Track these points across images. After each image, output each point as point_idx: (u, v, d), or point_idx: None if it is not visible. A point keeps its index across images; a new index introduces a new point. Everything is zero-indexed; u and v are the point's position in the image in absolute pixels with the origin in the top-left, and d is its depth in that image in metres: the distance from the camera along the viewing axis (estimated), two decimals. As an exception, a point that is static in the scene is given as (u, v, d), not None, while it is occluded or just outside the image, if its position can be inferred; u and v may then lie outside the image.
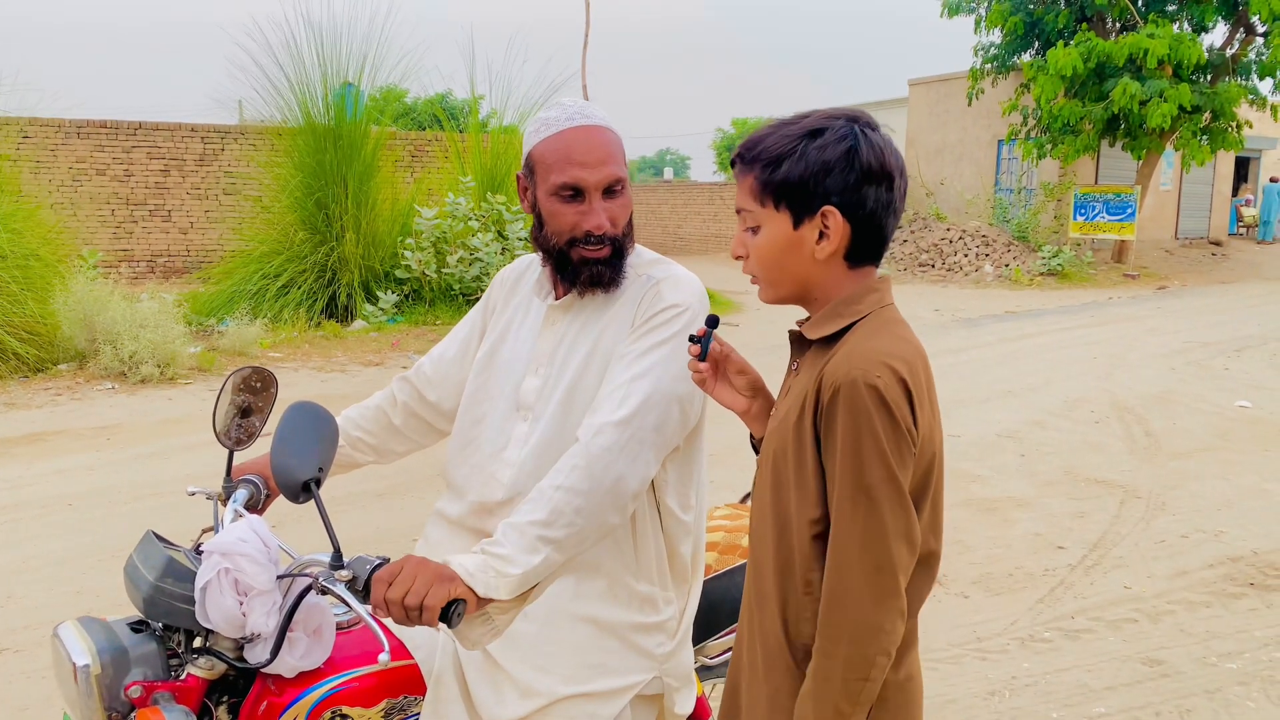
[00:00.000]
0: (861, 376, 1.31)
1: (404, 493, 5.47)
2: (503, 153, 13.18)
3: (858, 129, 1.39)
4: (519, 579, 1.54)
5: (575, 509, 1.60)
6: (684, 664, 1.85)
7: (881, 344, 1.36)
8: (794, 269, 1.44)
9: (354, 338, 10.72)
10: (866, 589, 1.30)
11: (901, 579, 1.32)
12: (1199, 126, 18.28)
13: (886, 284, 1.46)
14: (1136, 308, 14.94)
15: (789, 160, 1.39)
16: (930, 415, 1.37)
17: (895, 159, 1.41)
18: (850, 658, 1.31)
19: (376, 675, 1.67)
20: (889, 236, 1.43)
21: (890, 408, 1.30)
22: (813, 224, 1.40)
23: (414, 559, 1.50)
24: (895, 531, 1.31)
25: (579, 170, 1.75)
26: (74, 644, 1.50)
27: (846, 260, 1.42)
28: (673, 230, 25.47)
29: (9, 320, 8.44)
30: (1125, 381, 8.96)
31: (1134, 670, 3.63)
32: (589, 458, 1.63)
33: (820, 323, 1.44)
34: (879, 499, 1.30)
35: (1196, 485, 5.89)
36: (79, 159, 16.42)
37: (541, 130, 1.80)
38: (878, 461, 1.30)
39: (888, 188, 1.39)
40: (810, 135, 1.39)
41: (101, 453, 6.35)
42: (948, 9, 20.62)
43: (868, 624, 1.31)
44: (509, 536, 1.57)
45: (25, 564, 4.48)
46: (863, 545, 1.30)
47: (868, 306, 1.42)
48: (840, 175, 1.37)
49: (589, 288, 1.80)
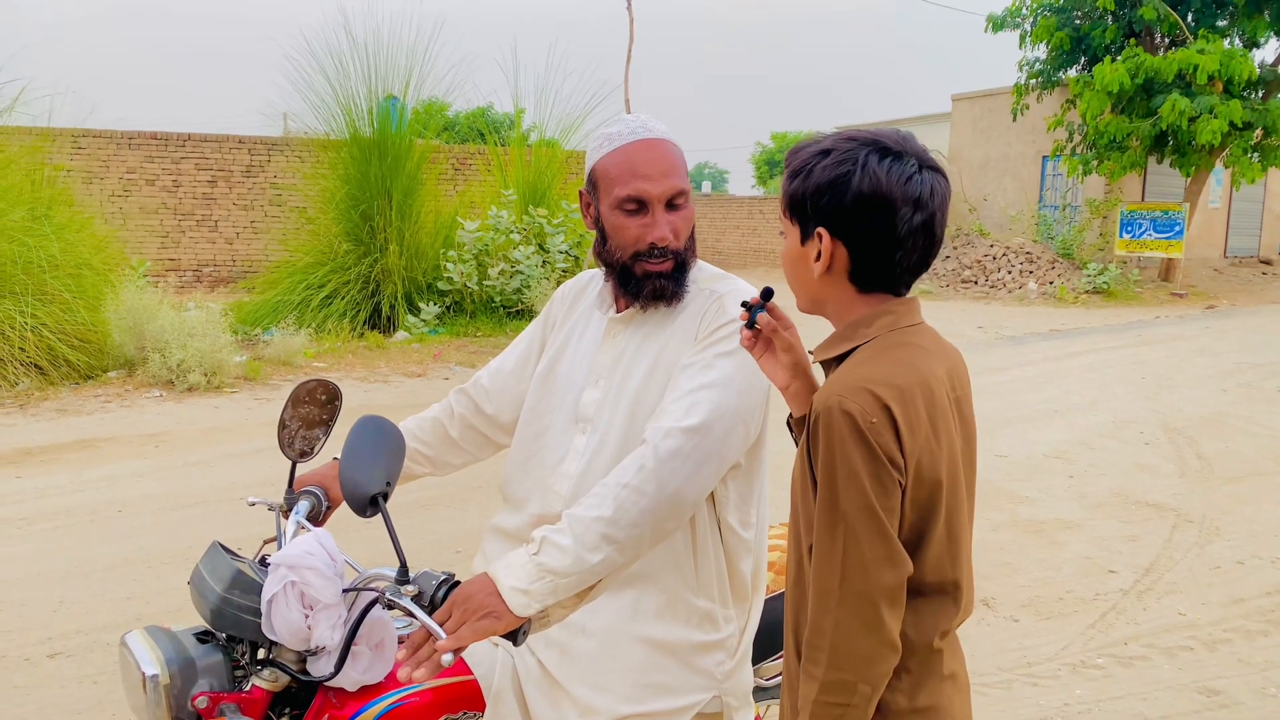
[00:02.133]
0: (838, 403, 1.29)
1: (448, 504, 5.49)
2: (544, 167, 13.26)
3: (864, 154, 1.36)
4: (575, 581, 1.54)
5: (640, 510, 1.59)
6: (743, 683, 1.83)
7: (873, 369, 1.34)
8: (804, 282, 1.45)
9: (396, 348, 10.81)
10: (846, 617, 1.29)
11: (885, 608, 1.29)
12: (1250, 143, 17.98)
13: (908, 306, 1.43)
14: (1184, 327, 14.68)
15: (800, 176, 1.41)
16: (931, 443, 1.34)
17: (902, 189, 1.35)
18: (827, 683, 1.30)
19: (436, 690, 1.66)
20: (899, 265, 1.39)
21: (864, 435, 1.28)
22: (812, 242, 1.41)
23: (460, 595, 1.51)
24: (874, 560, 1.29)
25: (642, 183, 1.75)
26: (143, 653, 1.51)
27: (854, 283, 1.42)
28: (711, 244, 25.45)
29: (61, 328, 8.60)
30: (1174, 403, 8.80)
31: (1191, 700, 3.55)
32: (657, 460, 1.62)
33: (829, 345, 1.44)
34: (855, 527, 1.28)
35: (1251, 510, 5.76)
36: (129, 170, 16.74)
37: (604, 146, 1.81)
38: (853, 489, 1.28)
39: (886, 216, 1.35)
40: (821, 154, 1.40)
41: (150, 460, 6.44)
42: (992, 24, 20.48)
43: (847, 651, 1.29)
44: (573, 528, 1.57)
45: (76, 569, 4.54)
46: (842, 573, 1.29)
47: (879, 329, 1.40)
48: (831, 198, 1.37)
49: (652, 301, 1.80)
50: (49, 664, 3.66)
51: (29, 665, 3.65)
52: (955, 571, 1.38)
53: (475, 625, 1.47)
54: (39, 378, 8.32)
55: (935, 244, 1.41)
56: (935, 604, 1.38)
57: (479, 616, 1.48)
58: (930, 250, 1.41)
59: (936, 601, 1.38)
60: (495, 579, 1.53)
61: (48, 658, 3.71)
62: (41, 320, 8.45)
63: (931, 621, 1.37)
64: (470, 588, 1.51)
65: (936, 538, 1.36)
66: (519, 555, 1.57)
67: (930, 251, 1.41)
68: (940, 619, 1.38)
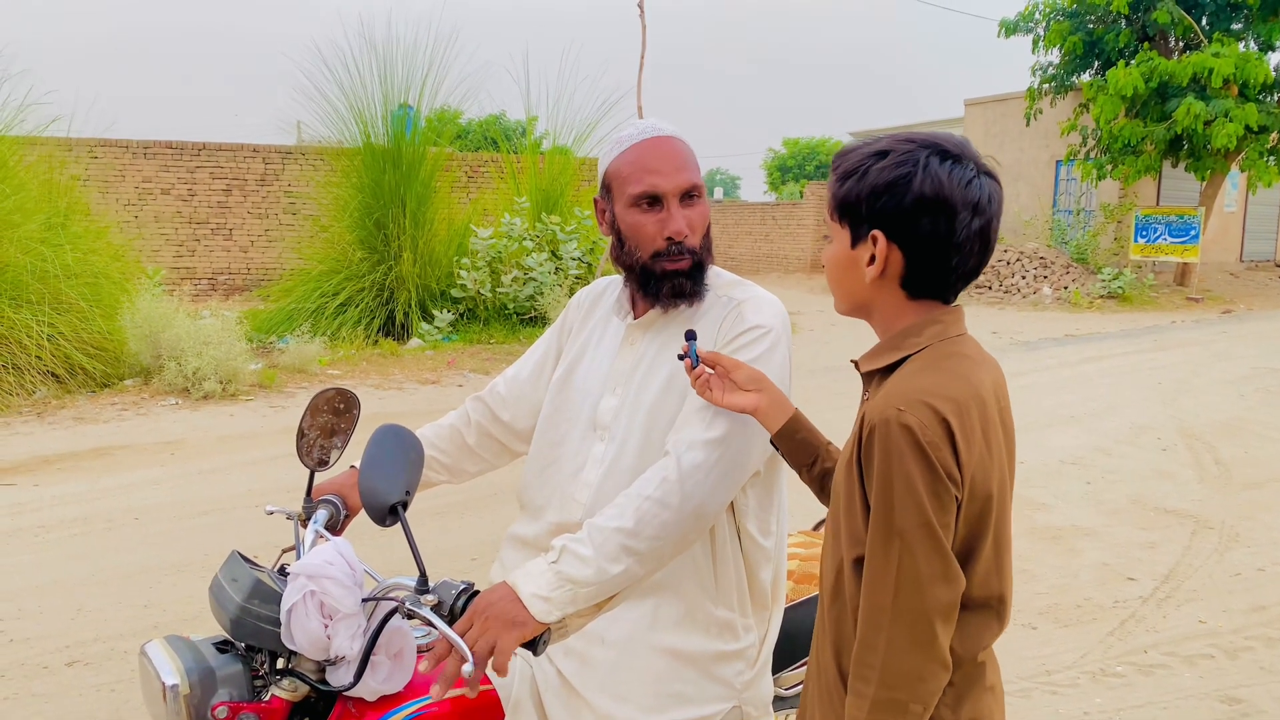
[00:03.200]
0: (896, 416, 1.26)
1: (464, 512, 5.49)
2: (557, 174, 13.30)
3: (924, 155, 1.34)
4: (594, 591, 1.53)
5: (662, 523, 1.58)
6: (763, 693, 1.82)
7: (928, 380, 1.31)
8: (851, 287, 1.42)
9: (410, 356, 10.83)
10: (899, 634, 1.26)
11: (939, 626, 1.27)
12: (1266, 147, 17.87)
13: (955, 315, 1.41)
14: (1201, 332, 14.59)
15: (852, 178, 1.37)
16: (984, 457, 1.31)
17: (962, 192, 1.33)
18: (879, 701, 1.27)
19: (455, 701, 1.66)
20: (954, 271, 1.37)
21: (924, 450, 1.25)
22: (865, 245, 1.37)
23: (481, 604, 1.50)
24: (931, 577, 1.26)
25: (655, 177, 1.76)
26: (163, 663, 1.51)
27: (904, 289, 1.39)
28: (724, 250, 25.45)
29: (78, 336, 8.66)
30: (1192, 408, 8.74)
31: (1212, 709, 3.52)
32: (680, 473, 1.61)
33: (876, 355, 1.41)
34: (911, 543, 1.25)
35: (1271, 517, 5.71)
36: (145, 179, 16.85)
37: (615, 149, 1.82)
38: (911, 505, 1.25)
39: (946, 220, 1.33)
40: (877, 156, 1.37)
41: (166, 467, 6.47)
42: (1005, 29, 20.44)
43: (900, 670, 1.26)
44: (594, 538, 1.56)
45: (93, 577, 4.56)
46: (895, 590, 1.26)
47: (928, 339, 1.37)
48: (890, 199, 1.33)
49: (672, 300, 1.79)
50: (67, 672, 3.67)
51: (47, 673, 3.66)
52: (1000, 585, 1.36)
53: (502, 637, 1.46)
54: (56, 386, 8.37)
55: (989, 251, 1.38)
56: (981, 618, 1.35)
57: (501, 625, 1.47)
58: (984, 257, 1.38)
59: (982, 616, 1.35)
60: (515, 587, 1.52)
61: (66, 666, 3.72)
62: (58, 329, 8.51)
63: (977, 636, 1.35)
64: (490, 596, 1.51)
65: (986, 553, 1.33)
66: (538, 564, 1.57)
67: (984, 258, 1.38)
68: (986, 634, 1.36)
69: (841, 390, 9.17)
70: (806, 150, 48.61)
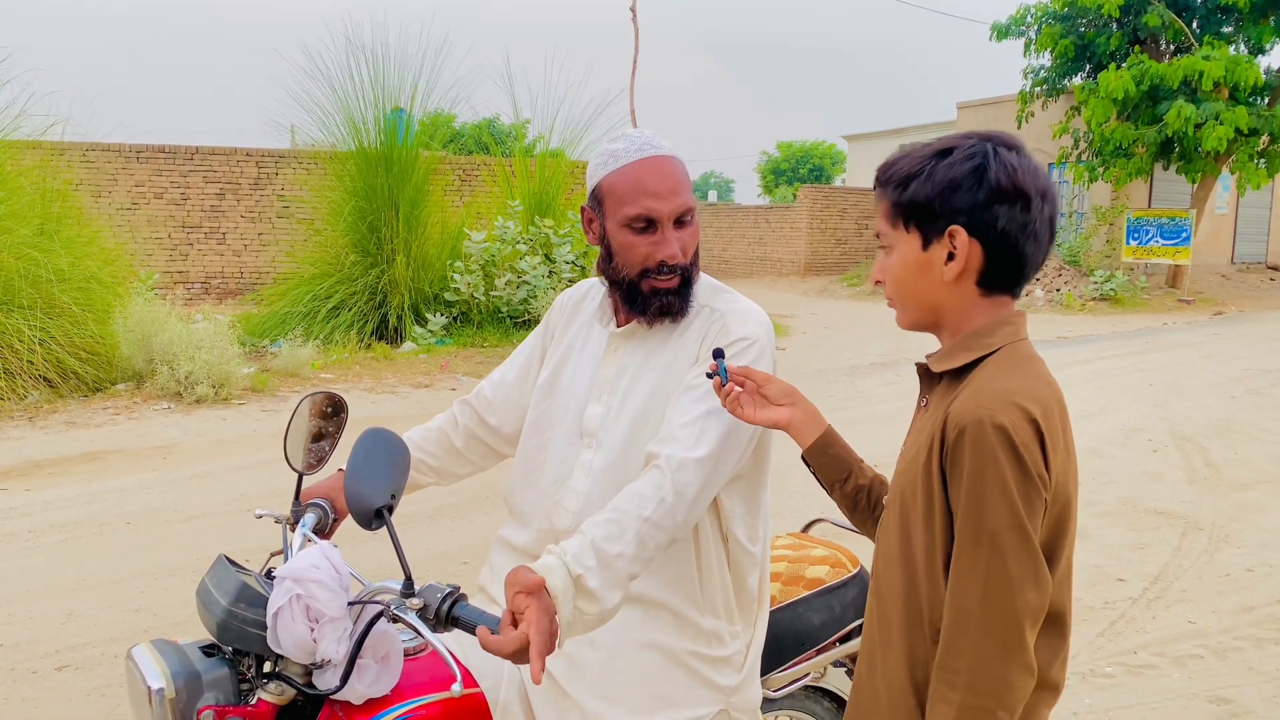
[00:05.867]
0: (989, 416, 1.25)
1: (453, 515, 5.49)
2: (550, 177, 13.30)
3: (990, 147, 1.35)
4: (598, 617, 1.52)
5: (657, 544, 1.60)
6: (751, 698, 1.83)
7: (1013, 382, 1.30)
8: (924, 292, 1.40)
9: (403, 359, 10.83)
10: (988, 639, 1.24)
11: (1029, 631, 1.25)
12: (1256, 149, 17.96)
13: (1022, 318, 1.41)
14: (1192, 334, 14.64)
15: (917, 180, 1.36)
16: (1065, 460, 1.31)
17: (1033, 180, 1.34)
18: (966, 707, 1.25)
19: (443, 703, 1.66)
20: (1028, 262, 1.37)
21: (1019, 451, 1.24)
22: (941, 244, 1.36)
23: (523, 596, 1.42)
24: (1021, 580, 1.24)
25: (652, 201, 1.75)
26: (148, 667, 1.51)
27: (980, 286, 1.38)
28: (718, 254, 25.46)
29: (70, 341, 8.64)
30: (1183, 410, 8.78)
31: (1201, 709, 3.53)
32: (675, 495, 1.61)
33: (949, 355, 1.39)
34: (1003, 546, 1.24)
35: (1260, 518, 5.73)
36: (138, 183, 16.81)
37: (609, 163, 1.79)
38: (1004, 507, 1.23)
39: (1023, 208, 1.34)
40: (939, 155, 1.37)
41: (158, 472, 6.46)
42: (997, 32, 20.50)
43: (989, 675, 1.24)
44: (603, 574, 1.51)
45: (85, 582, 4.55)
46: (984, 594, 1.24)
47: (1000, 340, 1.36)
48: (967, 193, 1.33)
49: (658, 318, 1.79)
50: (57, 676, 3.67)
51: (37, 678, 3.66)
52: (1066, 601, 1.35)
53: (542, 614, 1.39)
54: (48, 391, 8.35)
55: (1053, 242, 1.39)
56: (1051, 635, 1.33)
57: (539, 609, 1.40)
58: (1049, 247, 1.39)
59: (1051, 632, 1.33)
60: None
61: (56, 670, 3.72)
62: (50, 333, 8.49)
63: (1049, 648, 1.33)
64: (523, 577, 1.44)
65: (1061, 563, 1.31)
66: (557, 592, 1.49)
67: (1049, 249, 1.39)
68: (1061, 646, 1.35)
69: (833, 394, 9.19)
70: (800, 153, 48.78)
